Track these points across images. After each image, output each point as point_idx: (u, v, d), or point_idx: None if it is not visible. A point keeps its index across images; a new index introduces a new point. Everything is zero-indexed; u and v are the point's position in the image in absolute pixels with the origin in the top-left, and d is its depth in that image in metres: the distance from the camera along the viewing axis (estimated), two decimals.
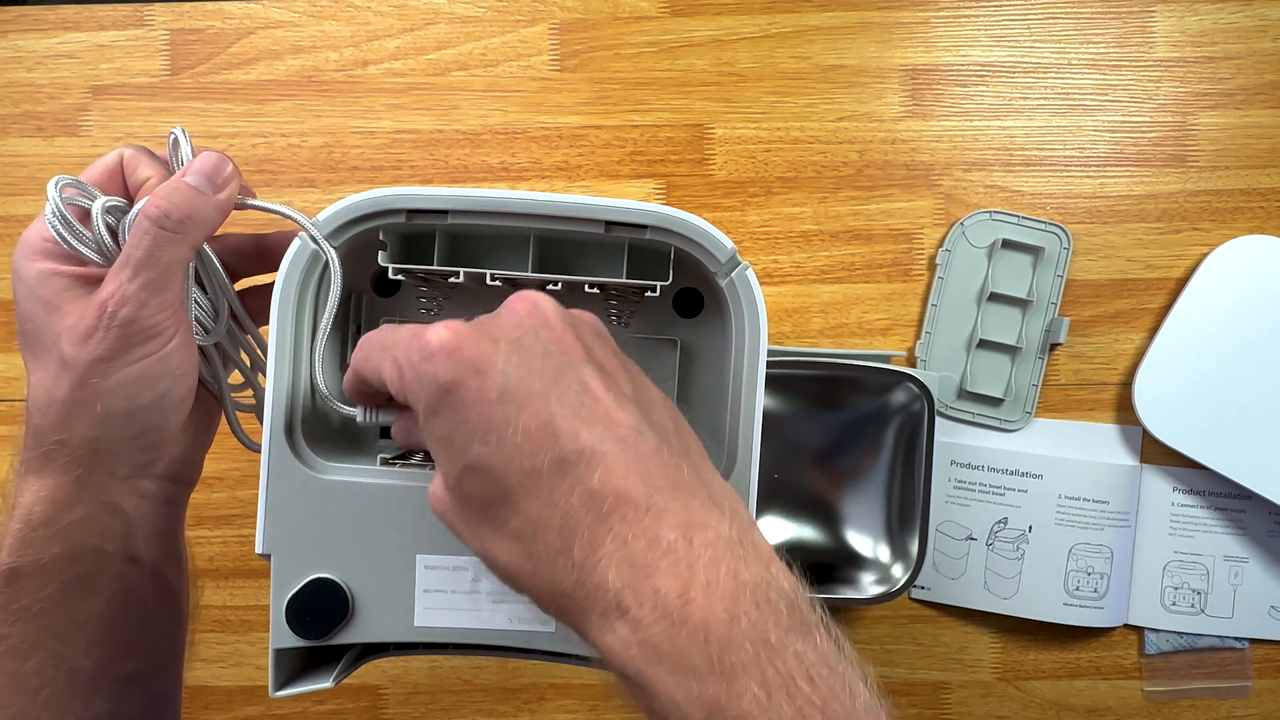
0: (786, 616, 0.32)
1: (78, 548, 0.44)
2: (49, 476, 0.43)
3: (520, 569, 0.34)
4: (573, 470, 0.33)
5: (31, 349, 0.44)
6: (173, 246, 0.42)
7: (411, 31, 0.74)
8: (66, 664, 0.44)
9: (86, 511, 0.44)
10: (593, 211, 0.44)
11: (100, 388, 0.42)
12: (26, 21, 0.74)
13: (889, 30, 0.74)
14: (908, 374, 0.68)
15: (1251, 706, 0.74)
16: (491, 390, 0.33)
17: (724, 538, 0.33)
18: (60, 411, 0.42)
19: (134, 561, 0.46)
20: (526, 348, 0.35)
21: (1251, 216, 0.73)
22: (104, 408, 0.42)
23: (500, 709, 0.75)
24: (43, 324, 0.43)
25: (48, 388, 0.43)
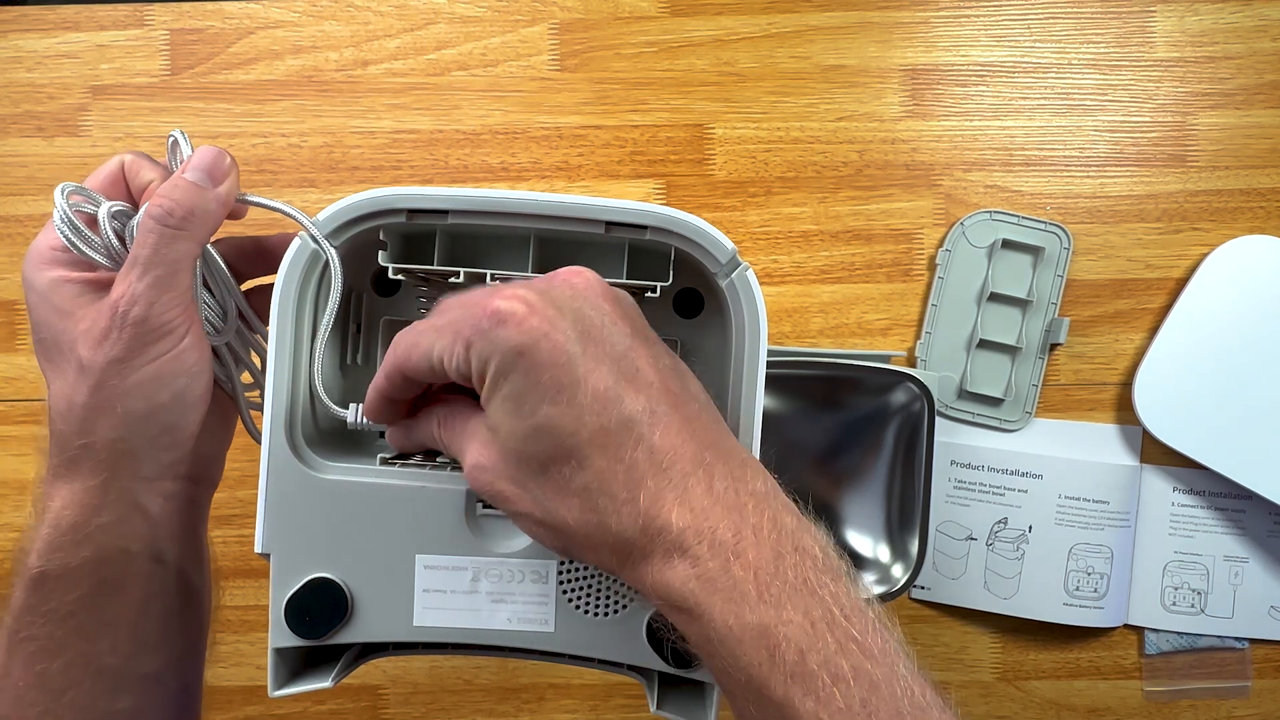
0: (822, 561, 0.36)
1: (106, 550, 0.45)
2: (75, 481, 0.44)
3: (582, 522, 0.36)
4: (636, 428, 0.36)
5: (49, 356, 0.44)
6: (178, 243, 0.42)
7: (411, 31, 0.74)
8: (93, 664, 0.45)
9: (114, 515, 0.44)
10: (593, 212, 0.44)
11: (119, 389, 0.42)
12: (26, 21, 0.74)
13: (889, 30, 0.74)
14: (908, 374, 0.68)
15: (1251, 706, 0.74)
16: (561, 355, 0.36)
17: (762, 491, 0.37)
18: (82, 415, 0.43)
19: (160, 562, 0.47)
20: (587, 318, 0.37)
21: (1251, 216, 0.73)
22: (124, 409, 0.43)
23: (500, 709, 0.75)
24: (58, 331, 0.43)
25: (67, 393, 0.43)
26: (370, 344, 0.52)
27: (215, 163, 0.44)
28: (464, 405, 0.41)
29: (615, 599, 0.45)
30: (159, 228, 0.42)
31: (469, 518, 0.45)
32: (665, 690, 0.47)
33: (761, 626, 0.34)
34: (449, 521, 0.45)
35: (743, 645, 0.34)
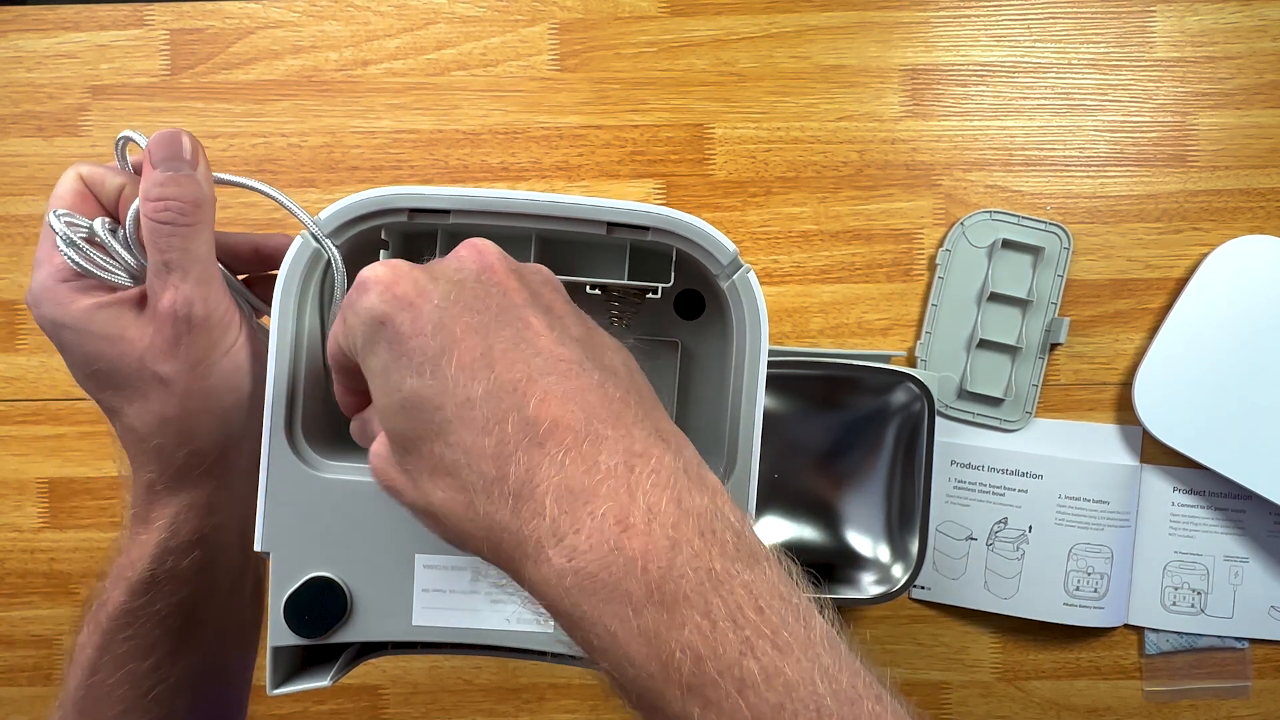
0: (734, 546, 0.30)
1: (214, 550, 0.45)
2: (189, 490, 0.44)
3: (454, 504, 0.32)
4: (508, 397, 0.31)
5: (112, 384, 0.43)
6: (198, 235, 0.42)
7: (411, 31, 0.74)
8: (180, 660, 0.46)
9: (226, 514, 0.45)
10: (595, 212, 0.44)
11: (208, 389, 0.43)
12: (26, 21, 0.74)
13: (889, 30, 0.74)
14: (908, 374, 0.68)
15: (1251, 706, 0.74)
16: (426, 323, 0.32)
17: (668, 466, 0.31)
18: (180, 426, 0.43)
19: (247, 554, 0.47)
20: (466, 288, 0.34)
21: (1251, 216, 0.73)
22: (219, 407, 0.44)
23: (500, 709, 0.75)
24: (115, 357, 0.42)
25: (155, 411, 0.43)
26: None
27: (180, 146, 0.42)
28: None
29: None
30: (175, 228, 0.41)
31: None
32: None
33: (650, 632, 0.28)
34: None
35: (630, 655, 0.29)
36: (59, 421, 0.75)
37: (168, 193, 0.41)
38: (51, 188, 0.73)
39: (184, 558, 0.44)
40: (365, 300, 0.33)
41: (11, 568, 0.75)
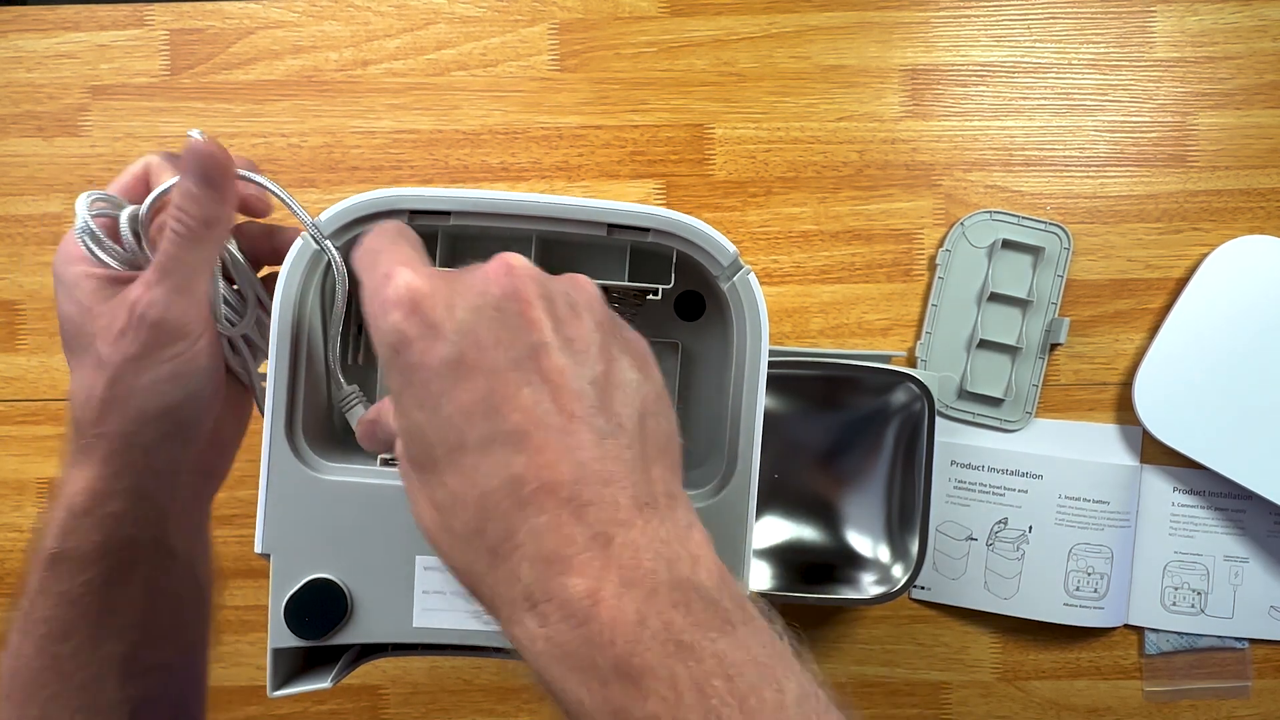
0: (707, 614, 0.30)
1: (115, 537, 0.45)
2: (88, 468, 0.45)
3: (438, 539, 0.33)
4: (500, 450, 0.31)
5: (72, 349, 0.45)
6: (194, 249, 0.43)
7: (411, 31, 0.74)
8: (103, 649, 0.46)
9: (123, 503, 0.45)
10: (595, 214, 0.44)
11: (133, 385, 0.44)
12: (26, 21, 0.74)
13: (889, 30, 0.74)
14: (908, 374, 0.68)
15: (1251, 706, 0.74)
16: (436, 357, 0.32)
17: (650, 536, 0.31)
18: (98, 407, 0.44)
19: (168, 553, 0.48)
20: (486, 316, 0.33)
21: (1251, 216, 0.73)
22: (137, 405, 0.44)
23: (500, 709, 0.75)
24: (79, 325, 0.44)
25: (87, 385, 0.44)
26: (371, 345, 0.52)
27: (213, 169, 0.43)
28: None
29: None
30: (175, 236, 0.43)
31: None
32: None
33: (617, 705, 0.28)
34: None
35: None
36: (59, 421, 0.75)
37: (186, 206, 0.43)
38: (51, 187, 0.74)
39: (84, 539, 0.45)
40: (389, 319, 0.33)
41: (11, 568, 0.75)
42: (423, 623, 0.45)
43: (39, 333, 0.74)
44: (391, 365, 0.33)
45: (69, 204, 0.74)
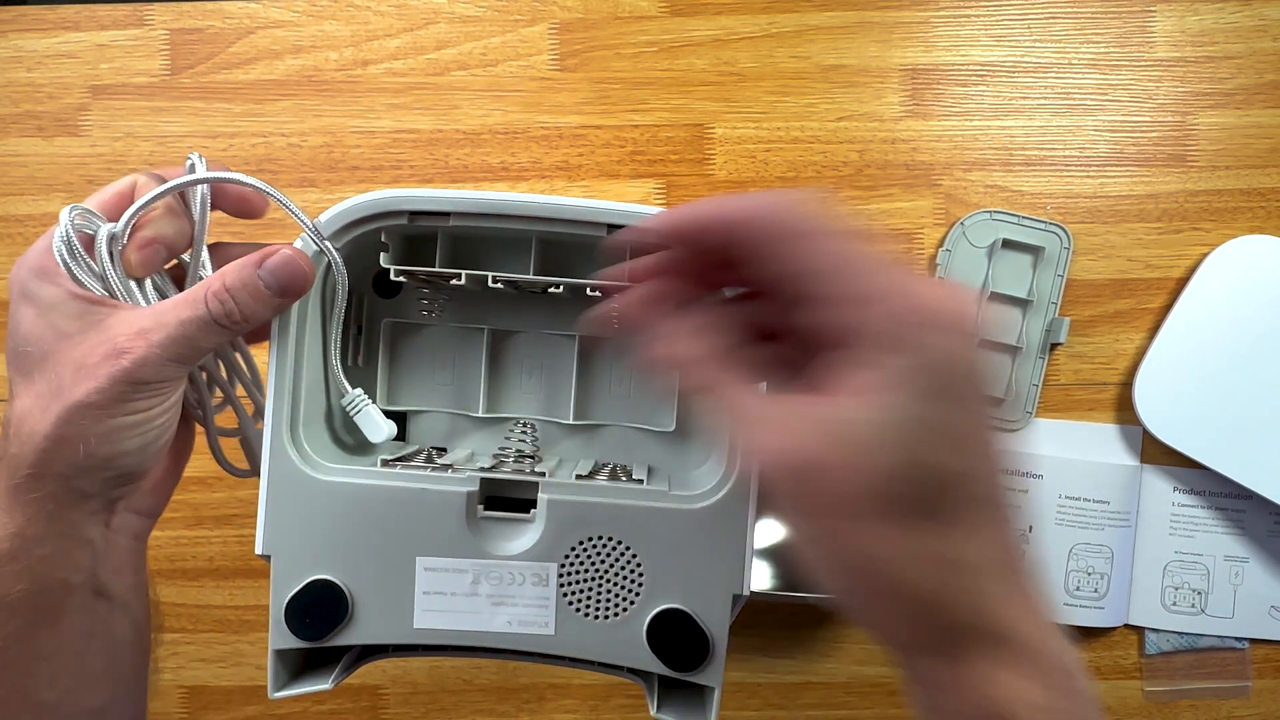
0: None
1: (44, 582, 0.42)
2: (17, 512, 0.41)
3: (921, 586, 0.32)
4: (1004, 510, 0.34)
5: (25, 370, 0.41)
6: (217, 336, 0.42)
7: (411, 31, 0.74)
8: (31, 699, 0.43)
9: (56, 546, 0.42)
10: (595, 214, 0.44)
11: (88, 430, 0.40)
12: (26, 21, 0.74)
13: (889, 30, 0.74)
14: None
15: (1251, 706, 0.74)
16: (980, 401, 0.33)
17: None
18: (40, 445, 0.40)
19: (100, 595, 0.45)
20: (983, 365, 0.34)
21: (1251, 216, 0.73)
22: (86, 450, 0.41)
23: (500, 709, 0.75)
24: (49, 349, 0.41)
25: (34, 415, 0.40)
26: (371, 346, 0.52)
27: (293, 279, 0.43)
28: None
29: (615, 602, 0.45)
30: (208, 316, 0.41)
31: (470, 520, 0.45)
32: (665, 693, 0.47)
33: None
34: (450, 524, 0.45)
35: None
36: None
37: (243, 299, 0.41)
38: (51, 188, 0.74)
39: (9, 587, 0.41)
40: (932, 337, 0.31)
41: None
42: (423, 623, 0.45)
43: None
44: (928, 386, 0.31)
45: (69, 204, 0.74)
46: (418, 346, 0.52)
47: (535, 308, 0.51)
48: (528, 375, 0.52)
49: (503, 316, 0.52)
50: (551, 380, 0.52)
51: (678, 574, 0.45)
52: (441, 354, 0.52)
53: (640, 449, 0.53)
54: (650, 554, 0.45)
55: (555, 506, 0.45)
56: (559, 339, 0.52)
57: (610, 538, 0.45)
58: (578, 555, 0.45)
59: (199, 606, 0.75)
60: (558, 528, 0.45)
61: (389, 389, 0.52)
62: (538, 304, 0.51)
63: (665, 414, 0.52)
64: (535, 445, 0.51)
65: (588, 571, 0.45)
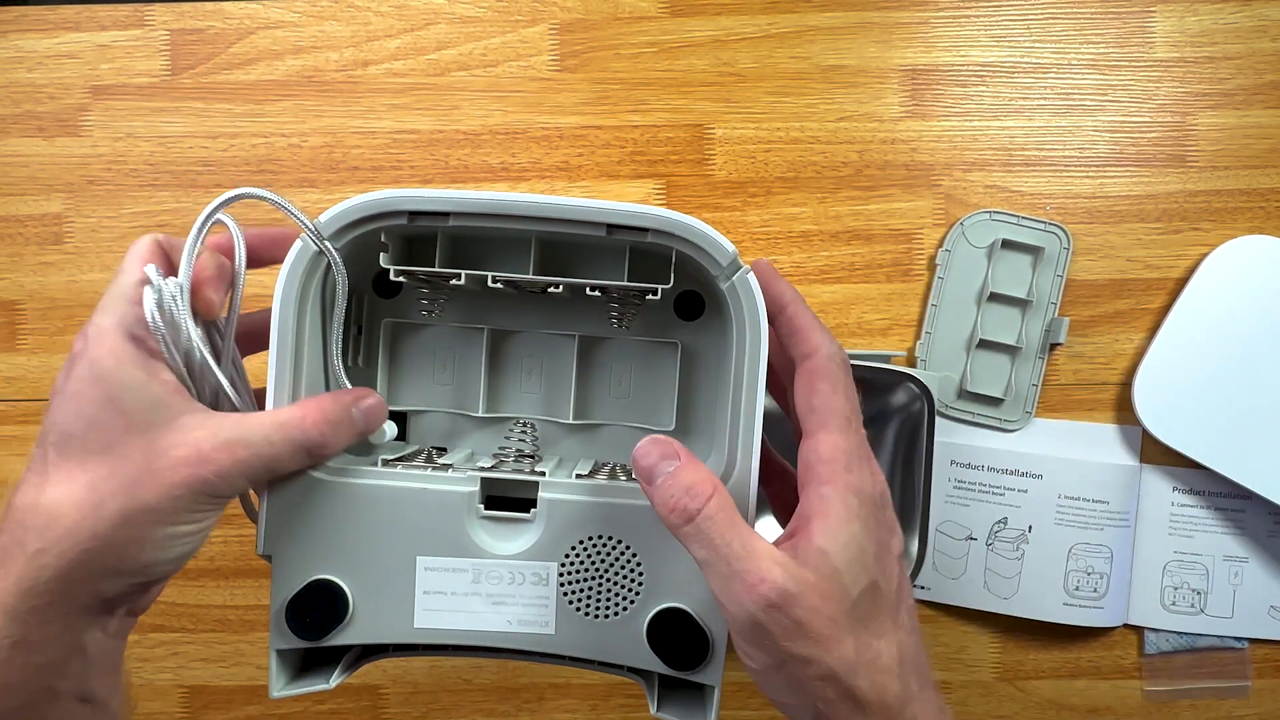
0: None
1: (32, 694, 0.38)
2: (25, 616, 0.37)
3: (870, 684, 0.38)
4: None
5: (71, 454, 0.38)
6: (301, 462, 0.42)
7: (411, 31, 0.74)
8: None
9: (48, 656, 0.38)
10: (595, 214, 0.44)
11: (145, 536, 0.37)
12: (27, 21, 0.74)
13: (889, 30, 0.74)
14: (908, 374, 0.68)
15: (1251, 706, 0.74)
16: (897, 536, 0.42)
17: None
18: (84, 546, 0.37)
19: (85, 701, 0.41)
20: None
21: (1251, 216, 0.73)
22: (132, 557, 0.38)
23: (500, 709, 0.75)
24: (114, 439, 0.38)
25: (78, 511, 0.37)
26: (371, 346, 0.52)
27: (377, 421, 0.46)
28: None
29: (615, 602, 0.45)
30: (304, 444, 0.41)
31: (470, 520, 0.45)
32: (665, 692, 0.47)
33: None
34: (450, 523, 0.45)
35: None
36: None
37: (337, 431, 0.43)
38: (52, 188, 0.74)
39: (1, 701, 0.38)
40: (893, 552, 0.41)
41: None
42: (424, 623, 0.45)
43: (39, 332, 0.74)
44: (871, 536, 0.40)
45: (69, 204, 0.74)
46: (418, 346, 0.52)
47: (535, 308, 0.52)
48: (527, 375, 0.52)
49: (502, 316, 0.52)
50: (551, 380, 0.52)
51: (677, 573, 0.45)
52: (441, 354, 0.52)
53: None
54: (650, 553, 0.45)
55: (555, 506, 0.45)
56: (559, 339, 0.52)
57: (610, 537, 0.45)
58: (578, 555, 0.45)
59: (199, 606, 0.75)
60: (558, 527, 0.45)
61: (389, 389, 0.52)
62: (537, 304, 0.51)
63: (665, 413, 0.52)
64: (535, 445, 0.51)
65: (588, 571, 0.45)
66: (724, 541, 0.38)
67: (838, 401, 0.41)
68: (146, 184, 0.74)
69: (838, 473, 0.39)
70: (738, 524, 0.39)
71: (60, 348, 0.74)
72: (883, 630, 0.39)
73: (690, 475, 0.40)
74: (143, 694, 0.75)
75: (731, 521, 0.39)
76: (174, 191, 0.74)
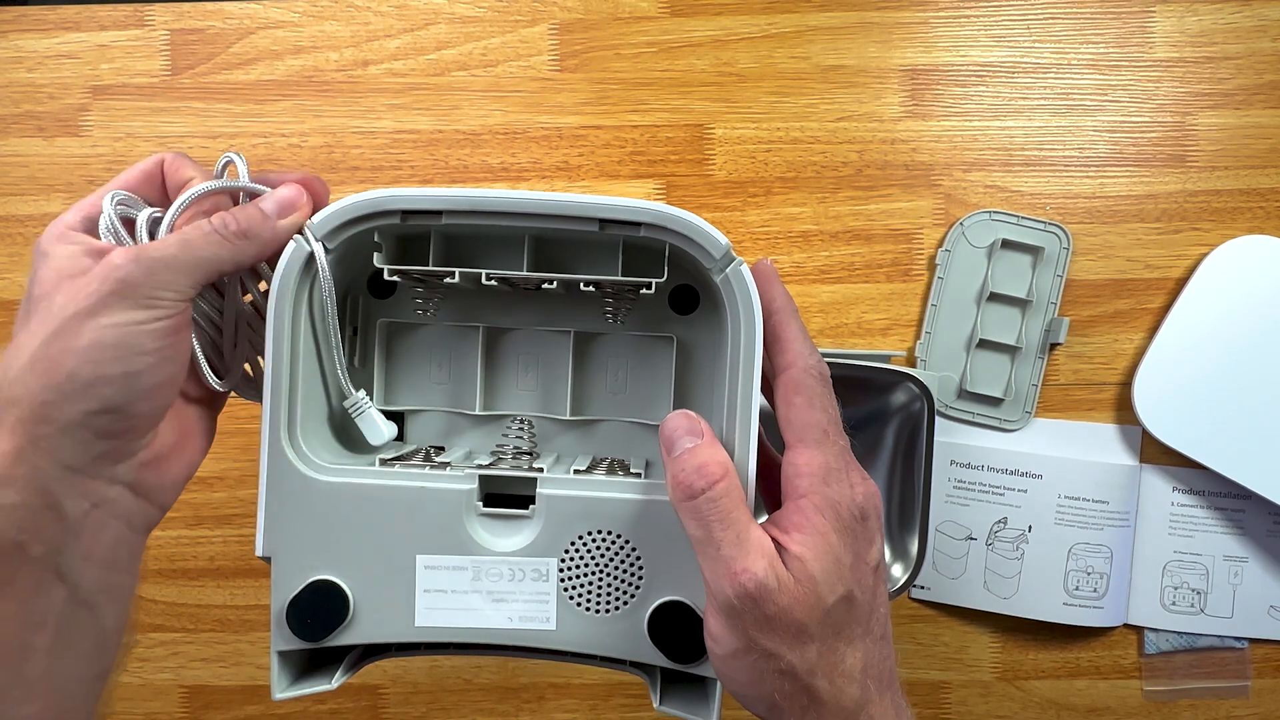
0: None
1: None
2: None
3: (833, 688, 0.40)
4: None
5: (26, 312, 0.40)
6: (217, 247, 0.41)
7: (411, 31, 0.74)
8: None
9: (19, 496, 0.37)
10: (586, 209, 0.44)
11: (71, 346, 0.37)
12: (27, 21, 0.74)
13: (889, 30, 0.74)
14: (908, 374, 0.68)
15: (1251, 706, 0.74)
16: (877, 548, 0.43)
17: None
18: (24, 366, 0.38)
19: (62, 579, 0.38)
20: None
21: (1251, 216, 0.73)
22: (67, 370, 0.37)
23: (500, 708, 0.75)
24: (49, 287, 0.39)
25: (21, 345, 0.38)
26: (367, 346, 0.52)
27: (292, 202, 0.44)
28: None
29: (616, 596, 0.45)
30: (208, 228, 0.41)
31: (469, 517, 0.45)
32: (668, 686, 0.47)
33: None
34: (449, 521, 0.45)
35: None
36: None
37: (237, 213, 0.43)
38: (52, 187, 0.74)
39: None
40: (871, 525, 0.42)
41: None
42: (425, 622, 0.45)
43: None
44: (858, 533, 0.42)
45: (69, 204, 0.74)
46: (413, 346, 0.52)
47: (530, 305, 0.52)
48: (524, 372, 0.52)
49: (497, 314, 0.52)
50: (547, 376, 0.52)
51: (677, 566, 0.45)
52: (437, 353, 0.52)
53: (637, 443, 0.53)
54: (649, 547, 0.45)
55: (554, 502, 0.45)
56: (554, 335, 0.52)
57: (609, 532, 0.45)
58: (577, 550, 0.45)
59: (199, 606, 0.75)
60: (557, 523, 0.45)
61: (385, 389, 0.52)
62: (532, 301, 0.51)
63: (662, 407, 0.52)
64: (533, 442, 0.51)
65: (588, 566, 0.45)
66: (720, 527, 0.40)
67: (814, 416, 0.42)
68: None
69: (815, 486, 0.41)
70: (738, 513, 0.40)
71: None
72: (852, 637, 0.41)
73: (705, 455, 0.41)
74: (142, 694, 0.75)
75: (732, 509, 0.40)
76: None
